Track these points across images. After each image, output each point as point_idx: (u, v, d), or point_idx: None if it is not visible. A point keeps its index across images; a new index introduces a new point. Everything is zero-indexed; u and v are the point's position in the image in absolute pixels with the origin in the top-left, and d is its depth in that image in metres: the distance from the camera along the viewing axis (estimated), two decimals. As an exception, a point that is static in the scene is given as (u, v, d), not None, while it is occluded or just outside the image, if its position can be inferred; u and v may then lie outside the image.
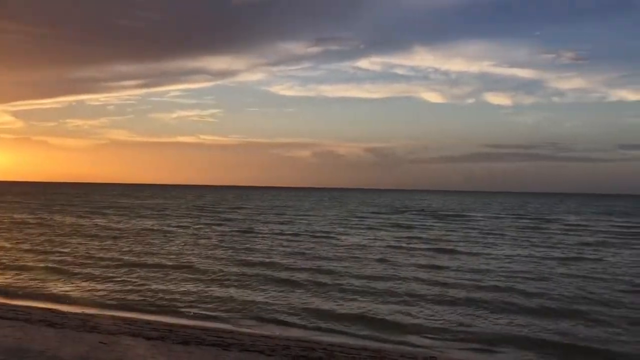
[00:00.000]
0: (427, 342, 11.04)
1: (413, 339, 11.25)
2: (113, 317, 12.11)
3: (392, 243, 28.84)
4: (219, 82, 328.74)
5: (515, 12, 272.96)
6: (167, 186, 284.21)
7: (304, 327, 12.02)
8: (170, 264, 20.13)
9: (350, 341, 10.92)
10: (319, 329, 11.91)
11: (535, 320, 12.82)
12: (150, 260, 21.12)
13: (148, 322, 11.71)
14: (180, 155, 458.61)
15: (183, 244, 26.80)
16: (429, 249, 26.36)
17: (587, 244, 30.09)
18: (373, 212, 62.12)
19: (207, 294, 15.00)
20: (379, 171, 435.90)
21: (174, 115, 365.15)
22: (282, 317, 12.76)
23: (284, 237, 31.21)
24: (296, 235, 32.41)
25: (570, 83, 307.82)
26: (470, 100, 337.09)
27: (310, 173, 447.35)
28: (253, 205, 76.74)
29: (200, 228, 36.14)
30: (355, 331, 11.81)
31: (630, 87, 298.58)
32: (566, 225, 46.39)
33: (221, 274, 18.24)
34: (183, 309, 13.39)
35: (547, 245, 29.61)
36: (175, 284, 16.49)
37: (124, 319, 11.88)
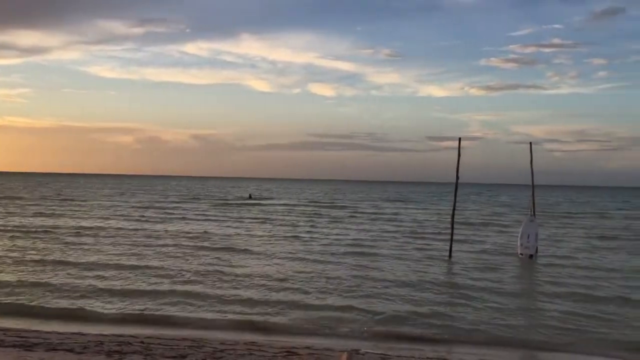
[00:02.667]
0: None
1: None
2: None
3: (151, 241, 24.38)
4: (29, 59, 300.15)
5: (338, 7, 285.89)
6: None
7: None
8: None
9: (170, 332, 10.67)
10: None
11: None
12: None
13: None
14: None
15: None
16: (194, 246, 23.02)
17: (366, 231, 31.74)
18: (172, 202, 59.13)
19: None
20: (205, 158, 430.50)
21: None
22: None
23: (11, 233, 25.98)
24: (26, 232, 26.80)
25: (387, 78, 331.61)
26: (296, 90, 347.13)
27: (133, 160, 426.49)
28: (29, 193, 67.72)
29: None
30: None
31: (437, 84, 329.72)
32: (359, 212, 49.10)
33: None
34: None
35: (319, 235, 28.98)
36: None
37: None
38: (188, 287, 14.75)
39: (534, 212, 22.39)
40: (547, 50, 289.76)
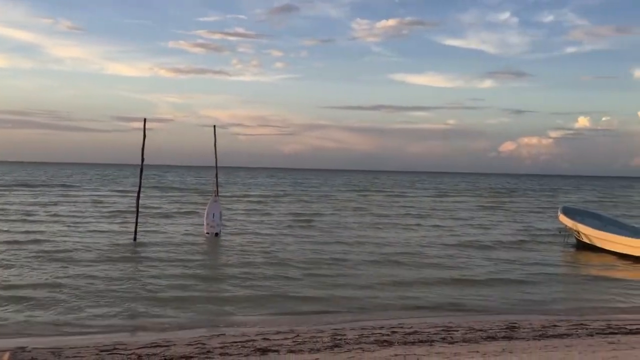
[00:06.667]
0: None
1: None
2: None
3: None
4: None
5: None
6: None
7: None
8: None
9: None
10: None
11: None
12: None
13: None
14: None
15: None
16: None
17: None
18: None
19: None
20: None
21: None
22: None
23: None
24: None
25: (69, 52, 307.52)
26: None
27: None
28: None
29: None
30: None
31: (125, 62, 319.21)
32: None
33: None
34: None
35: None
36: None
37: None
38: None
39: (217, 192, 23.33)
40: (232, 38, 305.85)
